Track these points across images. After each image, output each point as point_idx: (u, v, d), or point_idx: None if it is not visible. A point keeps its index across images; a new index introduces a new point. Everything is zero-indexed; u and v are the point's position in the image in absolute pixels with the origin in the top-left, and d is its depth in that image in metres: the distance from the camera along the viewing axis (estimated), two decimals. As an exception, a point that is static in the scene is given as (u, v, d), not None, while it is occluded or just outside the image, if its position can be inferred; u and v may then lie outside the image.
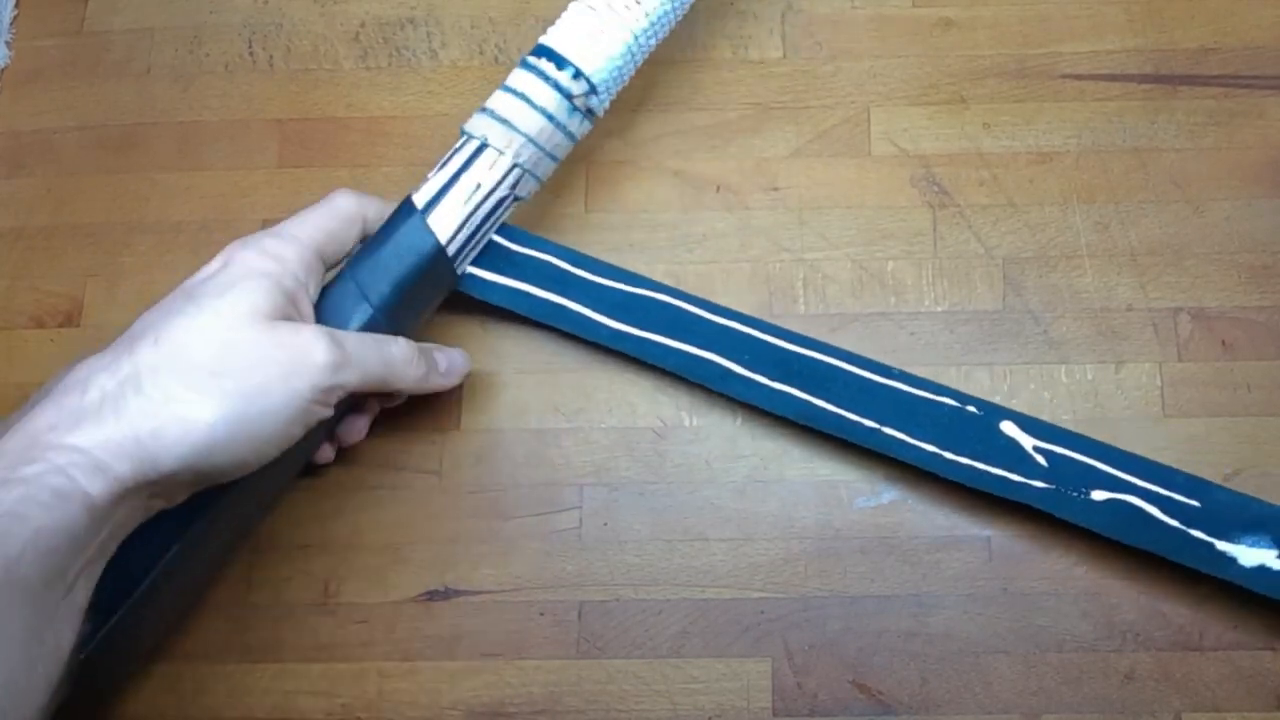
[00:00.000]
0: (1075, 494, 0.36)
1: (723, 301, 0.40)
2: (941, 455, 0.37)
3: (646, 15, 0.38)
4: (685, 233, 0.43)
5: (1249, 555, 0.35)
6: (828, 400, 0.38)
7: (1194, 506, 0.36)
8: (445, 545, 0.40)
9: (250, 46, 0.47)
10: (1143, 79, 0.44)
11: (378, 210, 0.37)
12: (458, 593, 0.40)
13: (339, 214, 0.34)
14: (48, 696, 0.27)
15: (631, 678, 0.39)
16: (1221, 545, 0.36)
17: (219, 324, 0.30)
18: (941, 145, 0.44)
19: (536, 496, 0.40)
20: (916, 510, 0.40)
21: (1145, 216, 0.42)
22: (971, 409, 0.38)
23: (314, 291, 0.34)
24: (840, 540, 0.40)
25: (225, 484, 0.31)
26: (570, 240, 0.43)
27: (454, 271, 0.38)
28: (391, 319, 0.36)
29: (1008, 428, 0.37)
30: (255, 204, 0.44)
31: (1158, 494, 0.36)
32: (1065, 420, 0.40)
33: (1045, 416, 0.39)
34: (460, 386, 0.41)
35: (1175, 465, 0.39)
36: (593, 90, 0.37)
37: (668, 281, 0.41)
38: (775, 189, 0.44)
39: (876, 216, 0.43)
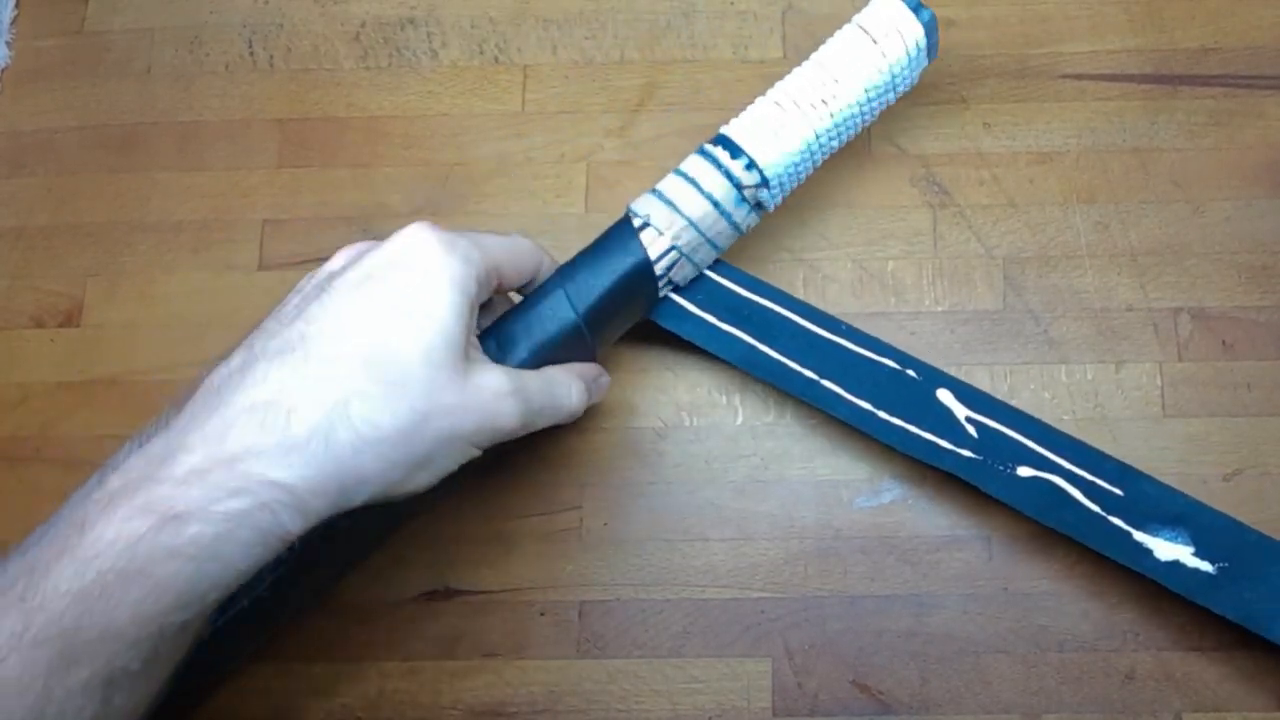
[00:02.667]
0: (1001, 468, 0.36)
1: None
2: (875, 414, 0.37)
3: (831, 116, 0.37)
4: (685, 233, 0.43)
5: (1164, 549, 0.35)
6: (772, 347, 0.38)
7: (1116, 494, 0.36)
8: (445, 545, 0.40)
9: (250, 46, 0.47)
10: (1143, 79, 0.44)
11: (551, 265, 0.35)
12: (458, 593, 0.40)
13: (519, 246, 0.33)
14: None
15: (631, 678, 0.39)
16: (1139, 536, 0.35)
17: (421, 353, 0.27)
18: (941, 145, 0.44)
19: (536, 496, 0.40)
20: (916, 510, 0.40)
21: (1145, 216, 0.42)
22: (911, 373, 0.38)
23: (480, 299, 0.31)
24: (840, 540, 0.40)
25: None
26: (570, 240, 0.43)
27: (656, 292, 0.37)
28: (594, 331, 0.35)
29: (943, 395, 0.37)
30: (255, 204, 0.45)
31: (1082, 478, 0.36)
32: (1065, 421, 0.40)
33: (1045, 417, 0.39)
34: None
35: (1175, 465, 0.39)
36: (764, 183, 0.36)
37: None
38: (775, 189, 0.44)
39: (876, 216, 0.43)
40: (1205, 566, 0.35)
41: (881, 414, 0.37)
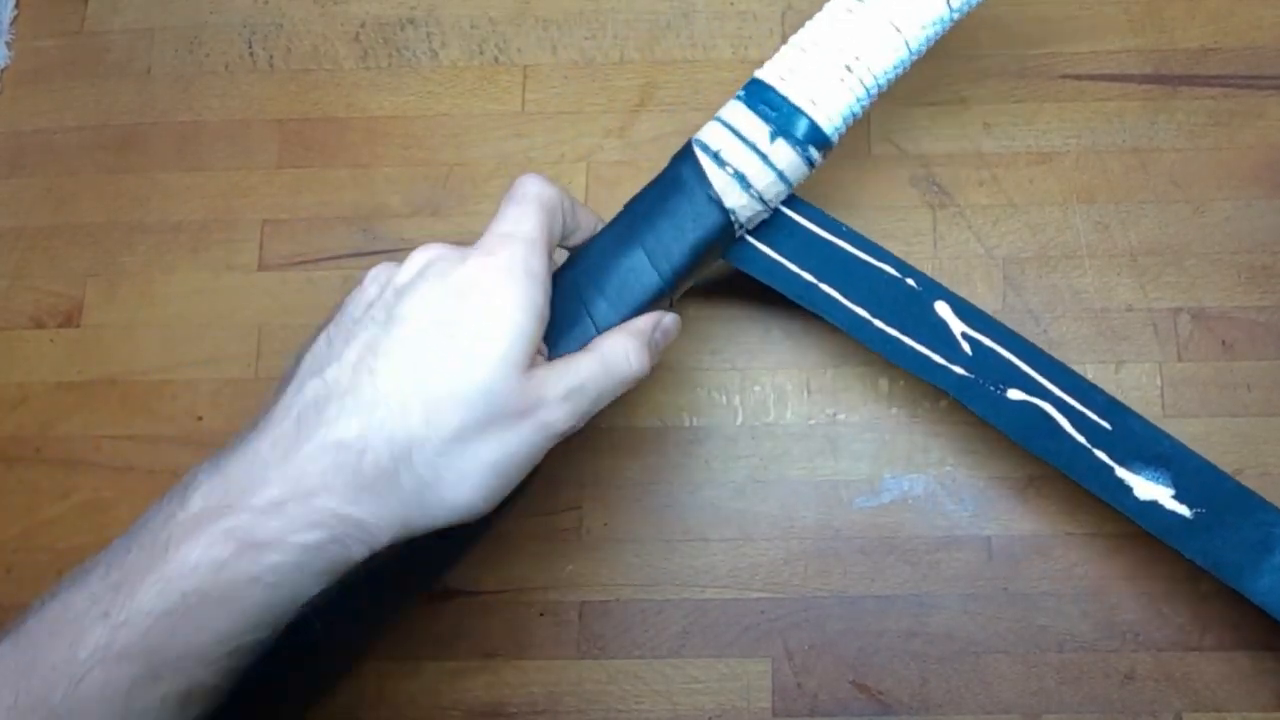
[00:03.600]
0: (992, 388, 0.36)
1: (723, 301, 0.40)
2: (871, 323, 0.36)
3: (891, 74, 0.35)
4: (685, 233, 0.43)
5: (1144, 489, 0.35)
6: (771, 247, 0.37)
7: (1104, 428, 0.36)
8: (445, 545, 0.40)
9: (250, 46, 0.47)
10: (1143, 79, 0.44)
11: (567, 194, 0.34)
12: (458, 593, 0.40)
13: (548, 204, 0.32)
14: None
15: (631, 678, 0.39)
16: (1120, 472, 0.35)
17: (483, 386, 0.28)
18: (941, 145, 0.44)
19: (536, 496, 0.40)
20: (916, 510, 0.40)
21: (1145, 216, 0.42)
22: (910, 282, 0.37)
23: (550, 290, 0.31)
24: (840, 540, 0.40)
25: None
26: (570, 240, 0.43)
27: (733, 235, 0.35)
28: (675, 285, 0.34)
29: (940, 308, 0.37)
30: (255, 204, 0.45)
31: (1072, 407, 0.36)
32: (1065, 420, 0.40)
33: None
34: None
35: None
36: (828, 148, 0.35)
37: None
38: (775, 189, 0.44)
39: (876, 216, 0.43)
40: (1183, 510, 0.35)
41: (877, 323, 0.36)
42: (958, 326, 0.37)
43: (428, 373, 0.28)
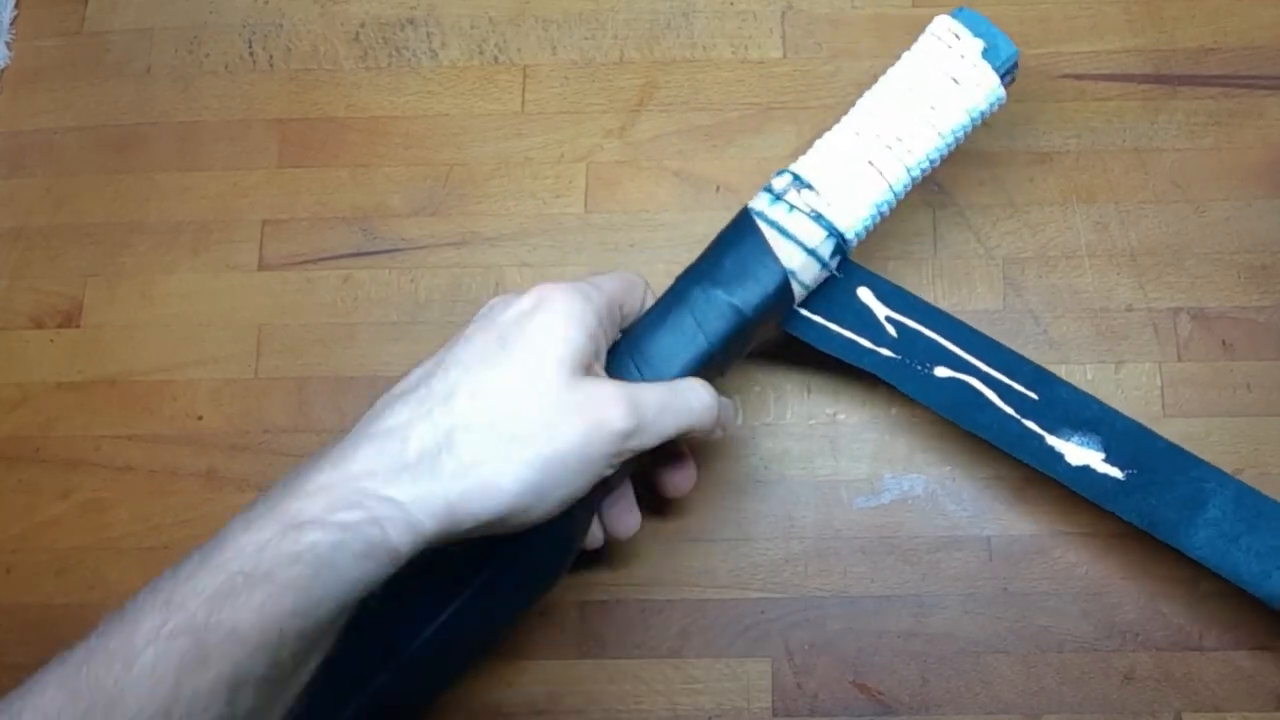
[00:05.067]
0: (919, 367, 0.37)
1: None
2: (798, 312, 0.37)
3: (915, 181, 0.36)
4: (685, 233, 0.43)
5: (1076, 454, 0.35)
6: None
7: (1031, 398, 0.36)
8: (445, 545, 0.40)
9: (250, 46, 0.47)
10: (1143, 79, 0.44)
11: (647, 288, 0.36)
12: (458, 593, 0.40)
13: (627, 279, 0.34)
14: None
15: (631, 678, 0.39)
16: (1051, 440, 0.36)
17: (527, 380, 0.29)
18: (941, 145, 0.44)
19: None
20: (916, 510, 0.40)
21: (1145, 216, 0.42)
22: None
23: (607, 341, 0.33)
24: (840, 540, 0.40)
25: (508, 537, 0.30)
26: (570, 240, 0.43)
27: (791, 303, 0.36)
28: (725, 355, 0.35)
29: (863, 293, 0.37)
30: (255, 204, 0.45)
31: (998, 380, 0.36)
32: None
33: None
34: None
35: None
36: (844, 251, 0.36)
37: (665, 282, 0.41)
38: (775, 189, 0.44)
39: (876, 216, 0.43)
40: (1115, 472, 0.35)
41: (803, 312, 0.37)
42: (881, 310, 0.37)
43: (480, 370, 0.29)
